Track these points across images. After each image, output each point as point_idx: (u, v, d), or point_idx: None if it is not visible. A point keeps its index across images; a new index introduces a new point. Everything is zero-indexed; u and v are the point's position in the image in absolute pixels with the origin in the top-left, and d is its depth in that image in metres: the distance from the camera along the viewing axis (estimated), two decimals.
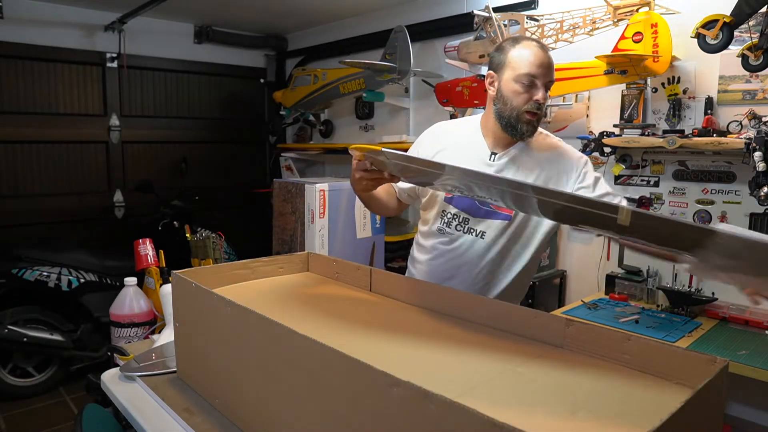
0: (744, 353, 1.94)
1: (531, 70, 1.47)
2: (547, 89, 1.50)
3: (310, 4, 3.82)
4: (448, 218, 1.63)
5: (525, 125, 1.51)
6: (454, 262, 1.63)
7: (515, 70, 1.49)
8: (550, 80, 1.50)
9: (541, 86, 1.48)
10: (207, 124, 4.68)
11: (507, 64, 1.52)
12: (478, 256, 1.58)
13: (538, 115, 1.51)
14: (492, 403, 0.84)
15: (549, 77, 1.49)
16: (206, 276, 1.38)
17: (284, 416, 0.97)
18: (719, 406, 0.82)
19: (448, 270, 1.63)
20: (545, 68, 1.48)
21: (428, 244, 1.69)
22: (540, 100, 1.48)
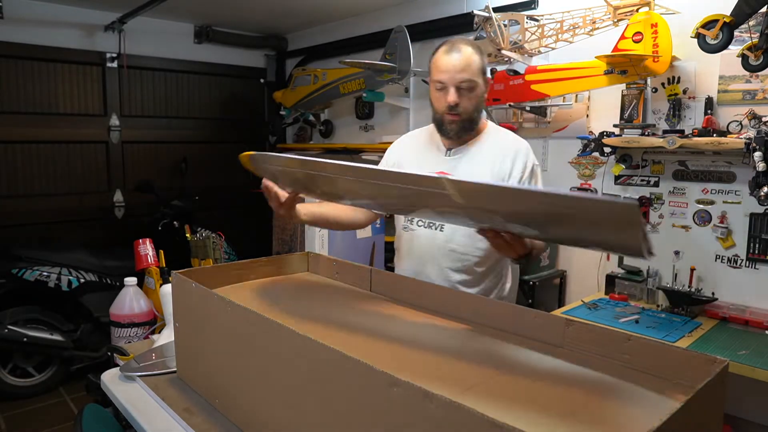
0: (744, 353, 1.94)
1: (439, 75, 1.57)
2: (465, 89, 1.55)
3: (310, 4, 3.82)
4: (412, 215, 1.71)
5: (448, 126, 1.61)
6: (419, 258, 1.70)
7: (432, 77, 1.60)
8: (463, 80, 1.55)
9: (452, 89, 1.55)
10: (207, 124, 4.68)
11: (429, 71, 1.63)
12: (439, 248, 1.65)
13: (459, 116, 1.58)
14: (492, 402, 0.84)
15: (458, 79, 1.55)
16: (206, 276, 1.38)
17: (284, 416, 0.97)
18: (719, 406, 0.82)
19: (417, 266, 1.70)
20: (452, 72, 1.54)
21: (398, 244, 1.79)
22: (450, 102, 1.55)
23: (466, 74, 1.54)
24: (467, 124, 1.61)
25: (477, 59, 1.57)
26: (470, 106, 1.58)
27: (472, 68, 1.55)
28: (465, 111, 1.58)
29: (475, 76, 1.56)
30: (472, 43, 1.60)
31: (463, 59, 1.54)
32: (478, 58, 1.57)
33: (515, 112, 3.15)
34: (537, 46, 2.68)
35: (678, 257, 2.55)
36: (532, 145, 3.19)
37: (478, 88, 1.58)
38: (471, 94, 1.57)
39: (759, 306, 2.30)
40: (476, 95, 1.58)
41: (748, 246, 2.33)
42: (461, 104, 1.56)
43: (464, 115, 1.58)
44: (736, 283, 2.37)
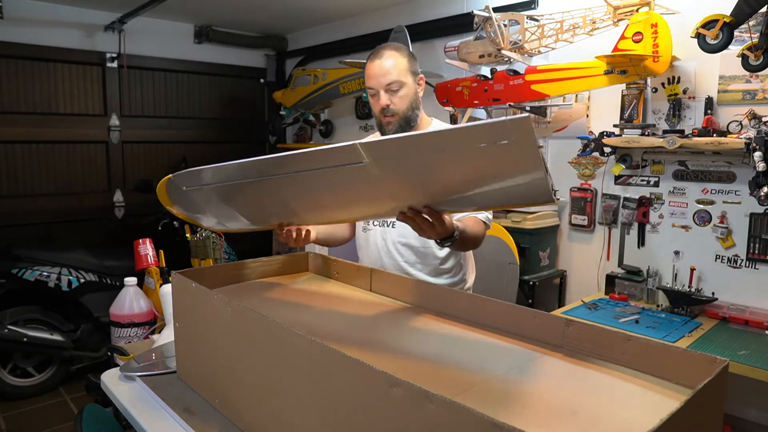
0: (744, 353, 1.94)
1: (368, 82, 1.67)
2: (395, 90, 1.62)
3: (310, 4, 3.82)
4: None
5: (386, 128, 1.68)
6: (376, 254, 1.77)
7: (366, 85, 1.69)
8: (390, 83, 1.62)
9: (382, 92, 1.63)
10: (207, 124, 4.68)
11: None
12: (393, 243, 1.73)
13: (394, 117, 1.65)
14: (492, 402, 0.84)
15: (384, 83, 1.62)
16: (206, 276, 1.38)
17: (284, 416, 0.97)
18: (719, 406, 0.82)
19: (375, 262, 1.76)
20: (377, 76, 1.63)
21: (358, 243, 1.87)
22: (382, 105, 1.64)
23: (392, 76, 1.61)
24: (404, 122, 1.66)
25: (402, 60, 1.63)
26: (402, 105, 1.64)
27: (396, 70, 1.62)
28: (398, 111, 1.64)
29: (402, 77, 1.62)
30: (398, 47, 1.68)
31: (386, 63, 1.62)
32: (403, 60, 1.63)
33: (515, 112, 3.15)
34: (537, 46, 2.68)
35: (678, 257, 2.55)
36: None
37: (407, 88, 1.64)
38: (400, 93, 1.63)
39: (759, 306, 2.30)
40: (407, 95, 1.64)
41: (748, 246, 2.33)
42: (393, 105, 1.63)
43: (399, 115, 1.65)
44: (736, 283, 2.37)
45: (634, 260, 2.69)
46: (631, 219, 2.68)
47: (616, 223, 2.76)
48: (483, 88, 2.94)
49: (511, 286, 2.71)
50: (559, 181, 2.98)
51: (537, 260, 2.85)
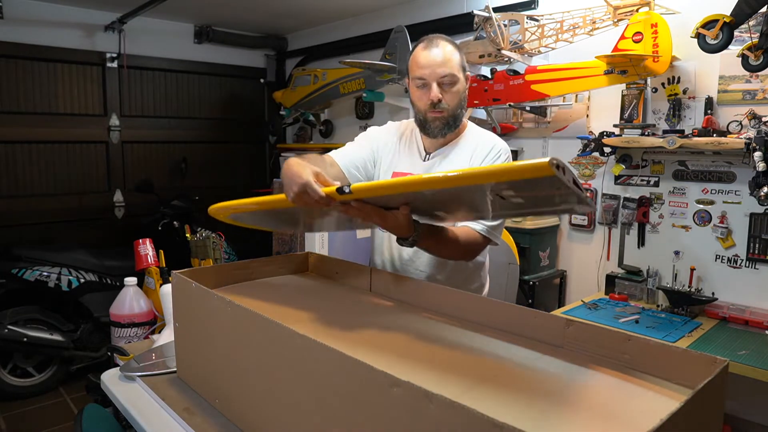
0: (744, 353, 1.94)
1: (418, 72, 1.53)
2: (447, 84, 1.52)
3: (310, 4, 3.82)
4: None
5: (432, 123, 1.56)
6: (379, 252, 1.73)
7: (411, 74, 1.57)
8: (444, 75, 1.51)
9: (434, 85, 1.51)
10: (207, 124, 4.68)
11: (408, 70, 1.59)
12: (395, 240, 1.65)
13: (443, 112, 1.54)
14: (492, 403, 0.84)
15: (439, 74, 1.51)
16: (206, 276, 1.38)
17: (284, 416, 0.97)
18: (719, 406, 0.82)
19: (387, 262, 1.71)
20: (432, 66, 1.50)
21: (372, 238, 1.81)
22: (433, 99, 1.51)
23: (447, 68, 1.50)
24: (451, 120, 1.56)
25: (457, 55, 1.53)
26: (452, 102, 1.54)
27: (452, 63, 1.51)
28: (448, 107, 1.54)
29: (456, 71, 1.52)
30: (450, 40, 1.57)
31: (443, 54, 1.51)
32: (458, 54, 1.54)
33: (515, 112, 3.15)
34: (537, 46, 2.68)
35: (678, 257, 2.55)
36: (532, 145, 3.20)
37: (460, 84, 1.54)
38: (453, 89, 1.53)
39: (759, 306, 2.30)
40: (458, 91, 1.54)
41: (748, 246, 2.33)
42: (444, 100, 1.52)
43: (448, 112, 1.54)
44: (736, 283, 2.37)
45: (634, 260, 2.69)
46: (631, 219, 2.68)
47: (616, 223, 2.76)
48: (483, 88, 2.94)
49: (511, 286, 2.71)
50: None
51: (537, 260, 2.85)
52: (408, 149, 1.69)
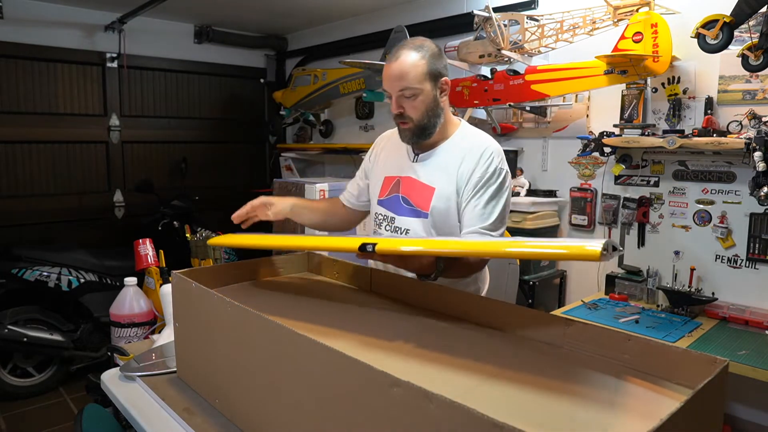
0: (744, 353, 1.94)
1: (383, 85, 1.56)
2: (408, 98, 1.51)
3: (310, 4, 3.82)
4: (380, 220, 1.70)
5: (401, 133, 1.59)
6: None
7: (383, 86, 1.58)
8: (402, 89, 1.51)
9: (394, 98, 1.53)
10: (207, 124, 4.68)
11: None
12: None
13: (408, 124, 1.55)
14: (492, 403, 0.84)
15: (396, 88, 1.51)
16: (206, 276, 1.38)
17: (284, 416, 0.97)
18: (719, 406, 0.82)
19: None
20: (390, 80, 1.52)
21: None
22: (392, 111, 1.54)
23: (404, 82, 1.49)
24: (418, 131, 1.55)
25: (420, 64, 1.49)
26: (416, 114, 1.52)
27: (410, 75, 1.48)
28: (412, 119, 1.53)
29: (416, 83, 1.49)
30: (419, 46, 1.52)
31: (400, 67, 1.49)
32: (421, 63, 1.49)
33: (515, 112, 3.15)
34: (537, 46, 2.68)
35: (678, 257, 2.55)
36: (532, 145, 3.20)
37: (424, 95, 1.51)
38: (414, 101, 1.51)
39: (759, 306, 2.30)
40: (422, 102, 1.51)
41: (748, 246, 2.33)
42: (406, 112, 1.52)
43: (413, 123, 1.53)
44: (736, 283, 2.37)
45: (634, 260, 2.69)
46: (631, 219, 2.68)
47: (616, 223, 2.76)
48: (483, 88, 2.94)
49: (511, 286, 2.71)
50: (560, 181, 2.99)
51: (537, 260, 2.85)
52: (398, 152, 1.71)
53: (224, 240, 1.66)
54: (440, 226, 1.58)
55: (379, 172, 1.74)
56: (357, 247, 1.13)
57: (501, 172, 1.55)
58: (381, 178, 1.72)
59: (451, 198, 1.56)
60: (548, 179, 3.05)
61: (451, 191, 1.56)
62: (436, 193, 1.57)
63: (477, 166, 1.54)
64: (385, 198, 1.69)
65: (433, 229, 1.59)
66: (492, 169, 1.54)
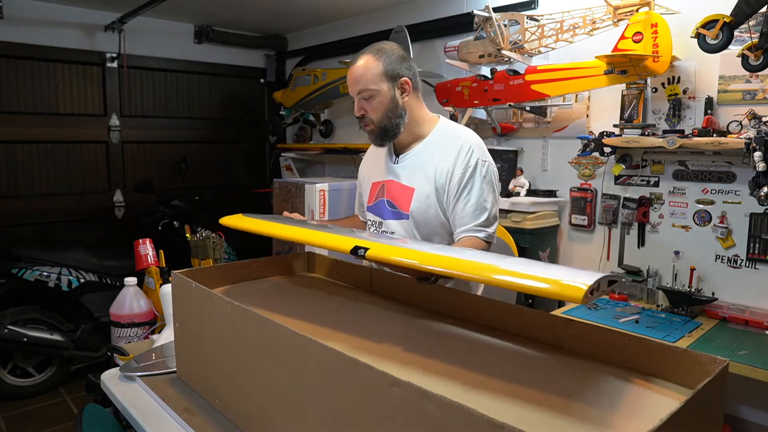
0: (744, 353, 1.94)
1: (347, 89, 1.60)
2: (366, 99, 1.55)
3: (310, 4, 3.82)
4: (369, 224, 1.74)
5: (368, 135, 1.63)
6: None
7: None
8: (359, 91, 1.56)
9: (355, 100, 1.58)
10: (207, 124, 4.68)
11: None
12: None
13: (369, 126, 1.58)
14: (492, 403, 0.84)
15: (355, 90, 1.56)
16: (206, 276, 1.38)
17: (284, 416, 0.97)
18: (719, 406, 0.82)
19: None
20: (350, 84, 1.58)
21: None
22: (355, 113, 1.59)
23: (360, 85, 1.54)
24: (381, 132, 1.58)
25: (375, 65, 1.53)
26: (375, 115, 1.55)
27: (366, 77, 1.53)
28: (373, 120, 1.56)
29: (372, 85, 1.53)
30: (378, 50, 1.57)
31: (356, 70, 1.55)
32: (377, 65, 1.53)
33: (515, 112, 3.15)
34: (537, 46, 2.68)
35: (678, 257, 2.55)
36: (532, 145, 3.20)
37: (381, 96, 1.54)
38: (372, 103, 1.54)
39: (759, 306, 2.30)
40: (380, 103, 1.54)
41: (748, 246, 2.33)
42: (368, 114, 1.56)
43: (374, 125, 1.57)
44: (736, 283, 2.37)
45: (634, 260, 2.69)
46: (631, 219, 2.68)
47: (616, 223, 2.76)
48: (483, 88, 2.94)
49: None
50: (560, 181, 2.99)
51: (537, 260, 2.84)
52: (380, 157, 1.74)
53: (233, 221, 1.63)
54: (422, 227, 1.61)
55: (367, 179, 1.78)
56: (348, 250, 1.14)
57: (483, 164, 1.56)
58: (369, 184, 1.76)
59: (431, 196, 1.57)
60: (548, 179, 3.05)
61: (429, 190, 1.57)
62: (415, 194, 1.60)
63: (456, 162, 1.55)
64: (372, 204, 1.73)
65: (415, 230, 1.61)
66: (473, 163, 1.54)
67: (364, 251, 1.11)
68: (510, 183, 3.01)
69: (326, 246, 1.28)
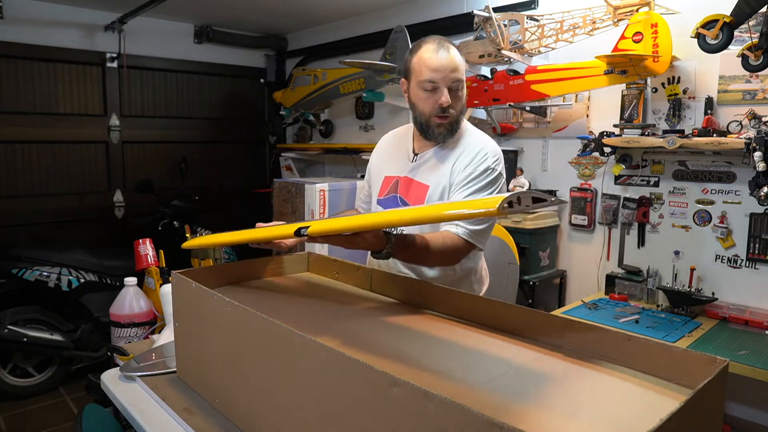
0: (744, 353, 1.94)
1: (429, 75, 1.49)
2: (455, 90, 1.52)
3: (310, 4, 3.82)
4: None
5: (436, 129, 1.55)
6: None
7: (417, 77, 1.53)
8: (455, 80, 1.51)
9: (444, 89, 1.50)
10: (207, 124, 4.68)
11: (411, 71, 1.56)
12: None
13: (448, 118, 1.54)
14: (492, 403, 0.84)
15: (451, 79, 1.50)
16: (206, 276, 1.38)
17: (284, 416, 0.97)
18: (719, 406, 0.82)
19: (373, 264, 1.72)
20: (445, 71, 1.49)
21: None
22: (443, 103, 1.50)
23: (459, 74, 1.51)
24: (455, 126, 1.57)
25: (462, 59, 1.55)
26: (458, 106, 1.55)
27: (461, 68, 1.52)
28: (454, 113, 1.55)
29: (464, 76, 1.54)
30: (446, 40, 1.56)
31: (456, 59, 1.51)
32: (463, 58, 1.55)
33: (515, 112, 3.15)
34: (537, 46, 2.68)
35: (678, 257, 2.55)
36: (532, 145, 3.20)
37: (464, 89, 1.56)
38: (459, 94, 1.54)
39: (759, 306, 2.30)
40: (463, 96, 1.56)
41: (748, 246, 2.33)
42: (452, 105, 1.52)
43: (453, 117, 1.55)
44: (736, 283, 2.37)
45: (634, 260, 2.69)
46: (631, 219, 2.68)
47: (616, 223, 2.76)
48: (483, 88, 2.94)
49: (511, 286, 2.71)
50: (559, 181, 2.99)
51: (537, 260, 2.85)
52: (398, 153, 1.72)
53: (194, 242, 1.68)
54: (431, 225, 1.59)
55: (379, 172, 1.76)
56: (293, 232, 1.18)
57: (492, 172, 1.55)
58: (381, 177, 1.74)
59: (444, 194, 1.57)
60: (548, 179, 3.05)
61: (444, 186, 1.57)
62: (429, 191, 1.59)
63: (470, 163, 1.55)
64: (383, 198, 1.71)
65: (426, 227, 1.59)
66: (483, 167, 1.54)
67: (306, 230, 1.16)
68: (510, 183, 3.01)
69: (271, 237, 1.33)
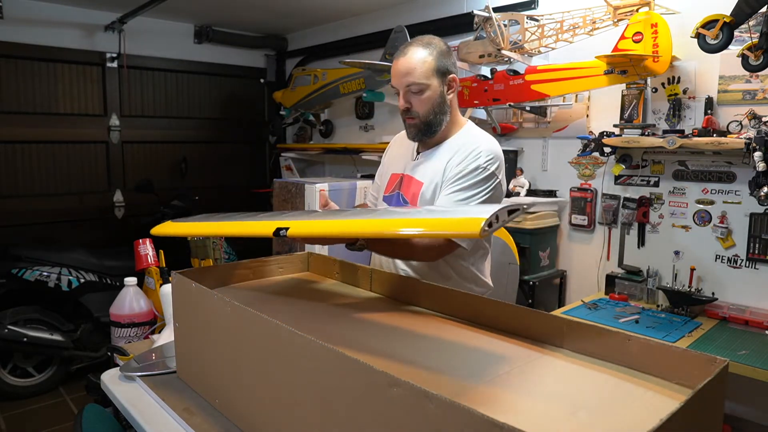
0: (744, 353, 1.94)
1: (392, 81, 1.59)
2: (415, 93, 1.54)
3: (310, 4, 3.82)
4: None
5: (408, 129, 1.62)
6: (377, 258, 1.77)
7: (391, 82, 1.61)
8: (409, 84, 1.53)
9: (401, 93, 1.56)
10: (207, 124, 4.68)
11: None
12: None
13: (414, 120, 1.57)
14: (492, 403, 0.84)
15: (405, 83, 1.54)
16: (206, 276, 1.38)
17: (284, 416, 0.97)
18: (719, 406, 0.82)
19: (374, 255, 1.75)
20: (398, 76, 1.55)
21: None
22: (400, 106, 1.57)
23: (412, 78, 1.52)
24: (425, 127, 1.57)
25: (428, 60, 1.51)
26: (423, 109, 1.54)
27: (418, 71, 1.51)
28: (419, 114, 1.56)
29: (423, 79, 1.51)
30: (428, 43, 1.54)
31: (408, 63, 1.52)
32: (429, 59, 1.52)
33: (515, 112, 3.15)
34: (537, 46, 2.68)
35: (678, 257, 2.55)
36: (532, 145, 3.19)
37: (430, 90, 1.53)
38: (421, 97, 1.53)
39: (759, 306, 2.30)
40: (429, 97, 1.54)
41: (748, 246, 2.33)
42: (414, 108, 1.55)
43: (419, 119, 1.56)
44: (736, 283, 2.37)
45: (634, 260, 2.69)
46: (631, 219, 2.68)
47: (616, 223, 2.76)
48: (483, 88, 2.94)
49: (511, 286, 2.71)
50: (559, 181, 2.99)
51: (537, 260, 2.85)
52: (404, 150, 1.76)
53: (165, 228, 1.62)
54: None
55: (387, 169, 1.80)
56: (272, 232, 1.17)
57: (483, 171, 1.52)
58: (388, 174, 1.77)
59: (437, 191, 1.58)
60: (548, 179, 3.05)
61: (437, 183, 1.59)
62: (423, 188, 1.61)
63: (462, 161, 1.55)
64: (388, 194, 1.74)
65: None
66: (473, 166, 1.52)
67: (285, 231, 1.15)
68: (510, 183, 3.01)
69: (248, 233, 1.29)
